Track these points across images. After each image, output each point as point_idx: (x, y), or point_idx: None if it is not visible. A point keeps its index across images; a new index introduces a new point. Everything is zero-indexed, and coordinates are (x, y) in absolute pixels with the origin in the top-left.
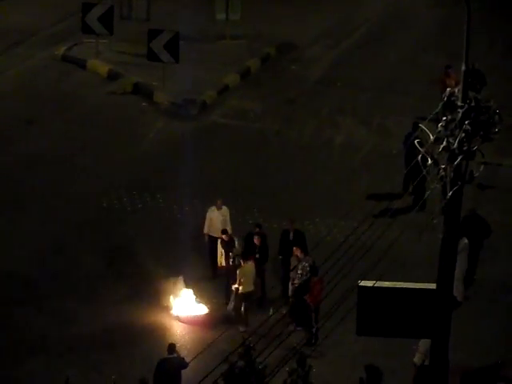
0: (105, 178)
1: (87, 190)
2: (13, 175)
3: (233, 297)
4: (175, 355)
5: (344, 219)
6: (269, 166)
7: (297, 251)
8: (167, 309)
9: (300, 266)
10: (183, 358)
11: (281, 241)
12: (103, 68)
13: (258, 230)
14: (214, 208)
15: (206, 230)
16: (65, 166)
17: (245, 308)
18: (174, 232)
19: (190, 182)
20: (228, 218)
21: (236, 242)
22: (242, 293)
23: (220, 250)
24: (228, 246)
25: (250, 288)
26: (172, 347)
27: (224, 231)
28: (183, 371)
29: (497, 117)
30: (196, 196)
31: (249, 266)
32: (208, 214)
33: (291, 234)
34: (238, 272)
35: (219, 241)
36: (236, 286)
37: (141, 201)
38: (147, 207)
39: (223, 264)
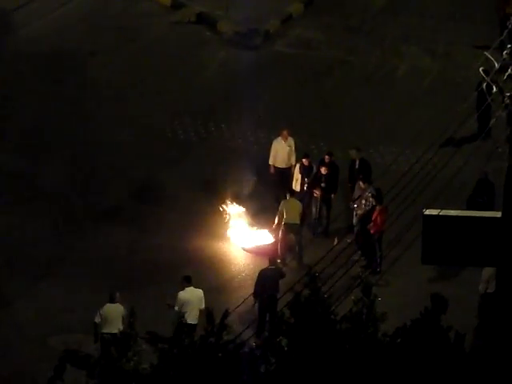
0: (169, 107)
1: (151, 119)
2: (79, 104)
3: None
4: (274, 266)
5: (409, 147)
6: (333, 96)
7: (359, 181)
8: (228, 239)
9: (363, 196)
10: (281, 269)
11: (349, 169)
12: None
13: (327, 157)
14: (279, 139)
15: (271, 161)
16: (128, 94)
17: (291, 240)
18: (239, 162)
19: (254, 112)
20: (293, 148)
21: (314, 169)
22: (285, 223)
23: (296, 176)
24: (306, 171)
25: (294, 220)
26: (273, 259)
27: (305, 155)
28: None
29: None
30: (261, 126)
31: (292, 201)
32: (274, 144)
33: (357, 163)
34: (281, 204)
35: (297, 166)
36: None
37: (205, 130)
38: (212, 137)
39: (298, 190)
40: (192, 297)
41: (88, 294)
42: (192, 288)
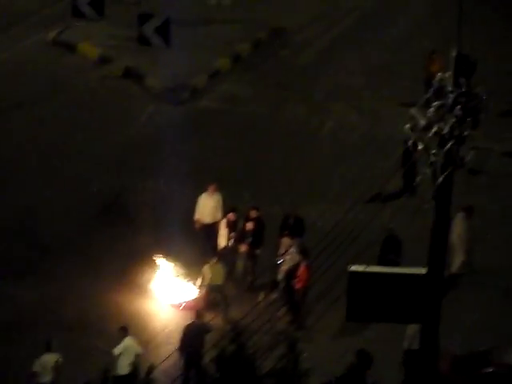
0: (95, 162)
1: (78, 174)
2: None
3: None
4: (200, 321)
5: (335, 204)
6: (259, 151)
7: (285, 238)
8: (154, 294)
9: (289, 252)
10: (207, 323)
11: (281, 225)
12: (94, 52)
13: (253, 212)
14: (206, 194)
15: (197, 216)
16: (55, 150)
17: (215, 300)
18: (164, 216)
19: (180, 166)
20: (220, 204)
21: (240, 223)
22: (208, 284)
23: (222, 231)
24: (232, 226)
25: (217, 282)
26: (200, 313)
27: (232, 209)
28: None
29: (484, 103)
30: (187, 180)
31: (217, 267)
32: (200, 200)
33: (291, 220)
34: (204, 267)
35: (223, 221)
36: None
37: (132, 184)
38: (137, 191)
39: (222, 245)
40: (130, 346)
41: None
42: (129, 338)
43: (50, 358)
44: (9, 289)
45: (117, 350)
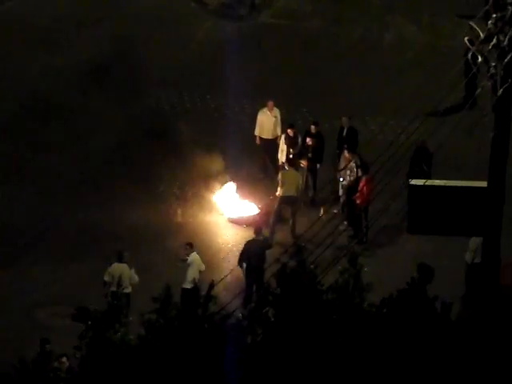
0: (155, 77)
1: (137, 88)
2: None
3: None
4: (261, 237)
5: (395, 117)
6: (318, 66)
7: (345, 151)
8: (216, 210)
9: (348, 167)
10: (267, 239)
11: (338, 137)
12: None
13: (313, 128)
14: (265, 110)
15: (257, 132)
16: (112, 67)
17: (290, 213)
18: (224, 133)
19: (239, 82)
20: (279, 119)
21: (299, 139)
22: (280, 196)
23: (282, 146)
24: (292, 141)
25: (291, 192)
26: (259, 229)
27: (290, 125)
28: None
29: None
30: (246, 97)
31: (291, 172)
32: (259, 116)
33: (345, 131)
34: (279, 176)
35: (283, 136)
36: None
37: (190, 101)
38: (197, 108)
39: (283, 161)
40: (195, 261)
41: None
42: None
43: (120, 268)
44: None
45: (181, 264)
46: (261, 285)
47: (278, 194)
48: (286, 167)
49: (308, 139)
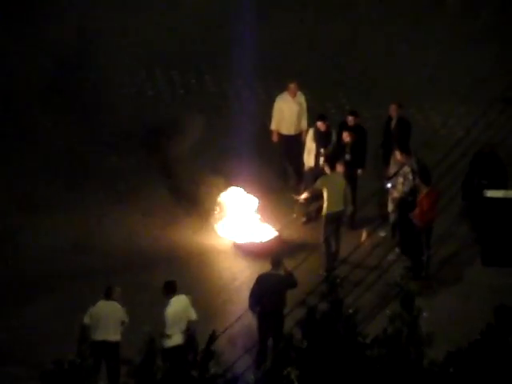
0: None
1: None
2: None
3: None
4: (280, 271)
5: (463, 105)
6: (358, 35)
7: (396, 151)
8: (217, 232)
9: (401, 172)
10: (292, 275)
11: (384, 131)
12: None
13: (351, 119)
14: (285, 94)
15: (274, 126)
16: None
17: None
18: (228, 126)
19: (248, 57)
20: (305, 107)
21: (333, 135)
22: (327, 212)
23: (309, 145)
24: (324, 138)
25: (339, 207)
26: (277, 260)
27: (321, 116)
28: None
29: None
30: (257, 77)
31: (335, 177)
32: (277, 102)
33: (393, 123)
34: (317, 182)
35: (310, 131)
36: (302, 197)
37: (183, 84)
38: (192, 91)
39: (311, 165)
40: (180, 309)
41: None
42: (177, 297)
43: (108, 308)
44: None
45: (164, 316)
46: (280, 336)
47: (323, 211)
48: (327, 171)
49: (345, 134)
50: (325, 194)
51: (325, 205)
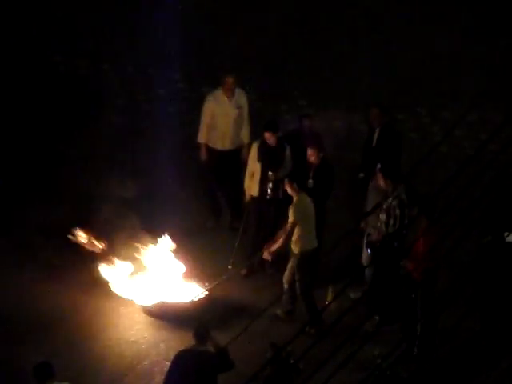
0: None
1: None
2: None
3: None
4: (207, 347)
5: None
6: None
7: (378, 176)
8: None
9: (384, 206)
10: (225, 352)
11: (364, 146)
12: None
13: (306, 123)
14: (219, 93)
15: (202, 137)
16: None
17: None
18: (135, 139)
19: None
20: (247, 111)
21: (287, 151)
22: (305, 252)
23: (251, 166)
24: (274, 156)
25: (315, 242)
26: (203, 333)
27: (270, 125)
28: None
29: None
30: (179, 66)
31: (306, 199)
32: (207, 103)
33: (376, 134)
34: (295, 214)
35: (254, 146)
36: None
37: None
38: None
39: (253, 194)
40: None
41: None
42: None
43: None
44: None
45: None
46: None
47: (297, 249)
48: (293, 193)
49: (310, 152)
50: (299, 228)
51: (299, 242)
